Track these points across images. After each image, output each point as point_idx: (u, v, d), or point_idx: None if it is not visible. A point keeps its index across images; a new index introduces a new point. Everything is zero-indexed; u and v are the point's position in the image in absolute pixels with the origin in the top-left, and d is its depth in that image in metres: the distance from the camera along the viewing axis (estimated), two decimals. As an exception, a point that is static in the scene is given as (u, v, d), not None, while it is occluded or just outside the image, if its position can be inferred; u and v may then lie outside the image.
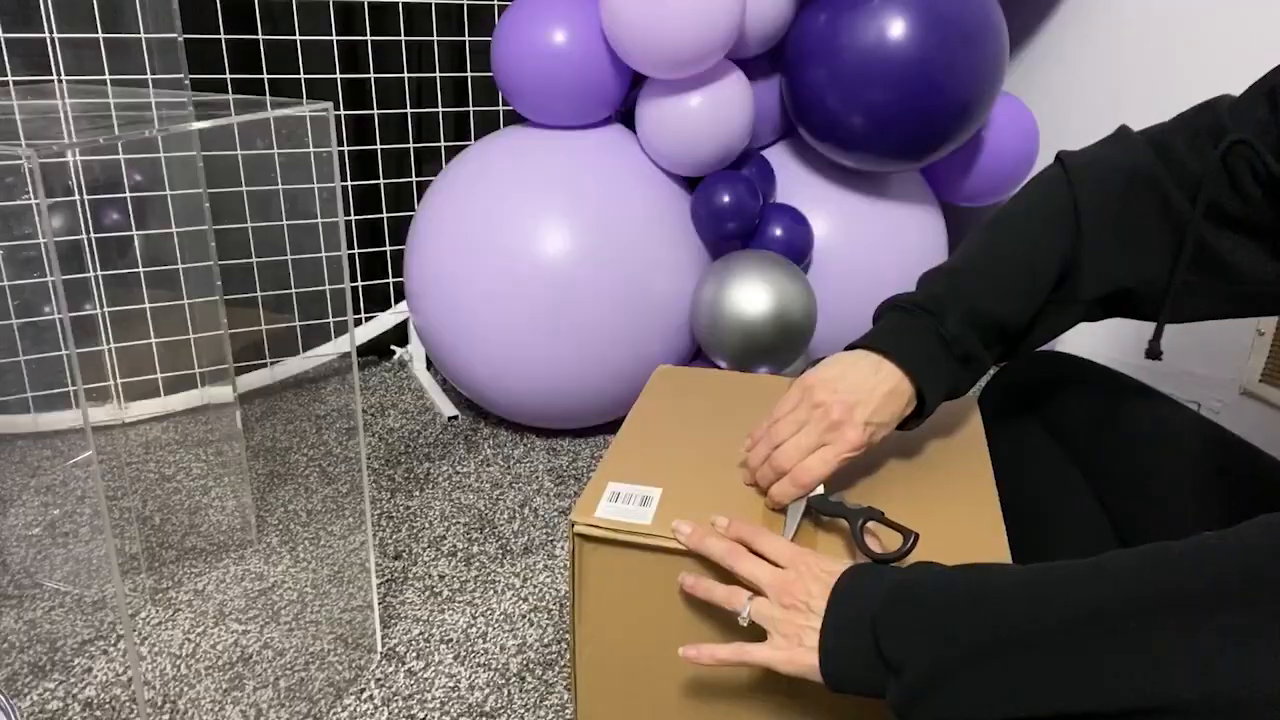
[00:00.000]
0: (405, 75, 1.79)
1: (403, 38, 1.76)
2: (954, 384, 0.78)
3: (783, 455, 0.74)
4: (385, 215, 1.85)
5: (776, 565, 0.69)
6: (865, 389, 0.74)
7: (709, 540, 0.71)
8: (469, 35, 1.81)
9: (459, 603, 1.20)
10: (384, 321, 1.89)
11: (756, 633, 0.68)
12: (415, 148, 1.86)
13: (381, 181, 1.84)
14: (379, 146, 1.81)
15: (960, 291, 0.78)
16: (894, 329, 0.78)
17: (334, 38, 1.70)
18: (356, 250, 1.85)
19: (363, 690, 1.05)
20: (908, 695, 0.59)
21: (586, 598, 0.78)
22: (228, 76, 1.63)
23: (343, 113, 1.76)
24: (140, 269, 1.55)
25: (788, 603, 0.66)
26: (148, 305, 1.57)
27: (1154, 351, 0.80)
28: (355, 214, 1.83)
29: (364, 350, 1.92)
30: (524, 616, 1.17)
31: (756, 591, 0.69)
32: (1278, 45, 1.48)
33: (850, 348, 0.79)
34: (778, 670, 0.65)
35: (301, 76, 1.70)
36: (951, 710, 0.58)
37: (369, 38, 1.73)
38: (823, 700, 0.75)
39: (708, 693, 0.78)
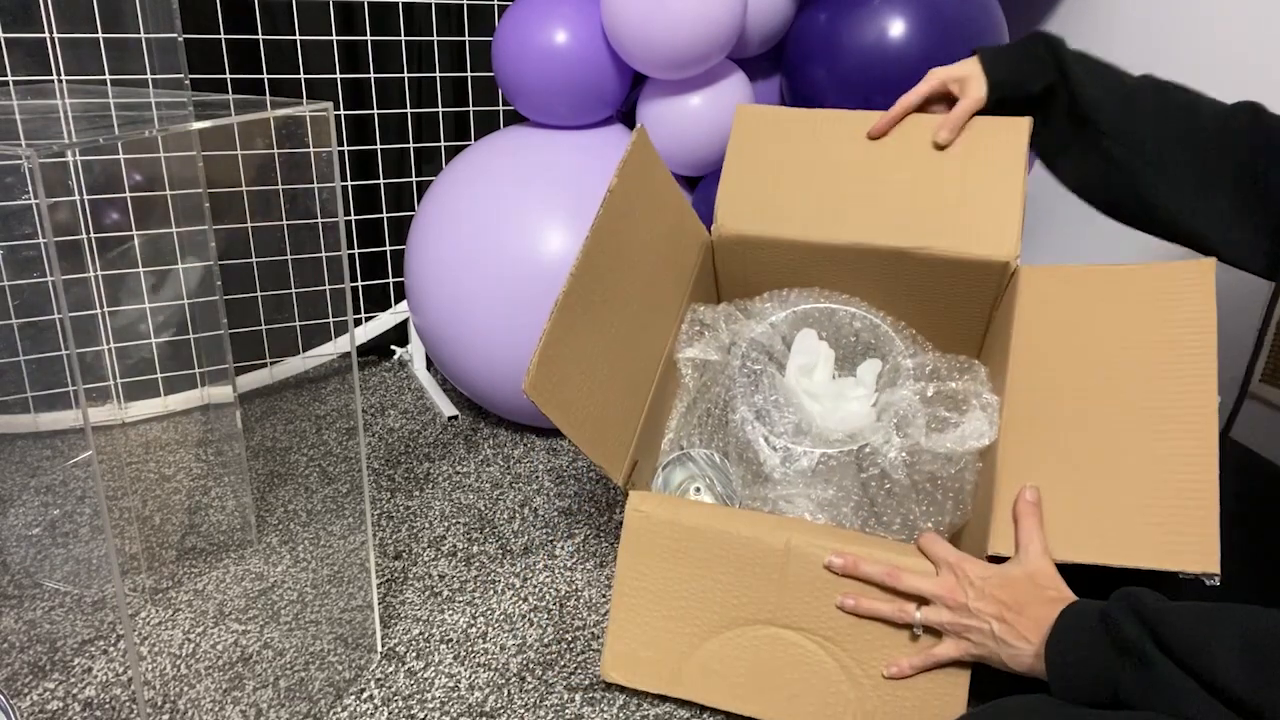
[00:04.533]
0: (405, 75, 1.79)
1: (403, 38, 1.76)
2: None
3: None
4: (385, 215, 1.85)
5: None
6: None
7: (864, 566, 0.80)
8: (469, 35, 1.81)
9: (459, 603, 1.20)
10: (384, 321, 1.89)
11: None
12: (415, 148, 1.85)
13: (381, 181, 1.83)
14: (379, 146, 1.81)
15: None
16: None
17: (334, 38, 1.70)
18: (356, 250, 1.85)
19: (363, 690, 1.05)
20: (1144, 677, 0.62)
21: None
22: (228, 76, 1.63)
23: (343, 113, 1.76)
24: (140, 269, 1.55)
25: (953, 605, 0.75)
26: (148, 305, 1.57)
27: None
28: (355, 214, 1.83)
29: (364, 350, 1.92)
30: (524, 616, 1.17)
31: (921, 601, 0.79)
32: (1278, 44, 1.48)
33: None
34: (962, 661, 0.76)
35: (301, 76, 1.70)
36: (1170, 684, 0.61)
37: (369, 38, 1.73)
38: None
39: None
